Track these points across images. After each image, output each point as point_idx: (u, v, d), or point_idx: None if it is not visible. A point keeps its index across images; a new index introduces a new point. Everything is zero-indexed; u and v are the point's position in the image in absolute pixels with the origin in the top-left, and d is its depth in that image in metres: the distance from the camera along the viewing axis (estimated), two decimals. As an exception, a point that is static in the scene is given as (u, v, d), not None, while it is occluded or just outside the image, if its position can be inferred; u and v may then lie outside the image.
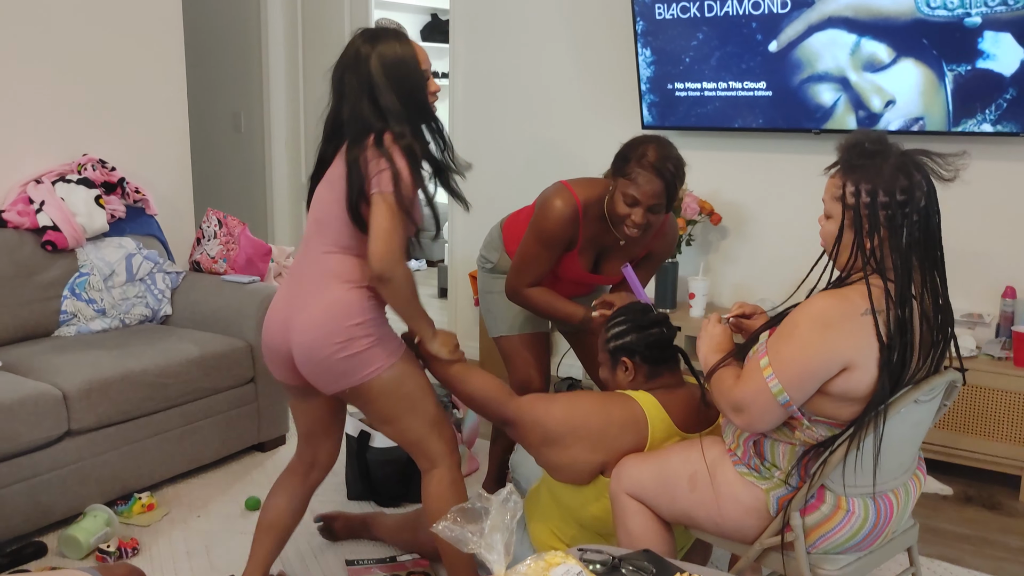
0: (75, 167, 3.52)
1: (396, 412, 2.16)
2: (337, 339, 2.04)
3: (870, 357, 1.72)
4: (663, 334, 2.24)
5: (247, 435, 3.38)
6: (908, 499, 1.93)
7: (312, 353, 2.06)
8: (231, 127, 5.53)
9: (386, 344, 2.11)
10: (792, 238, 3.86)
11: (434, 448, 2.20)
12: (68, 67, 3.57)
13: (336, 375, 2.08)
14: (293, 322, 2.10)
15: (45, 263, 3.30)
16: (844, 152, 1.82)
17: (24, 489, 2.66)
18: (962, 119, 3.30)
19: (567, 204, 2.49)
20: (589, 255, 2.62)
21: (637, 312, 2.29)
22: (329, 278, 2.10)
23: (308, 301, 2.09)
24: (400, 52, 2.11)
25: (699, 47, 3.75)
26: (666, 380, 2.24)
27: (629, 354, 2.24)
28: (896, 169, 1.74)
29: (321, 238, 2.15)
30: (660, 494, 2.00)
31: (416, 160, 2.08)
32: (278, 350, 2.17)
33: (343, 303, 2.06)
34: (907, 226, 1.74)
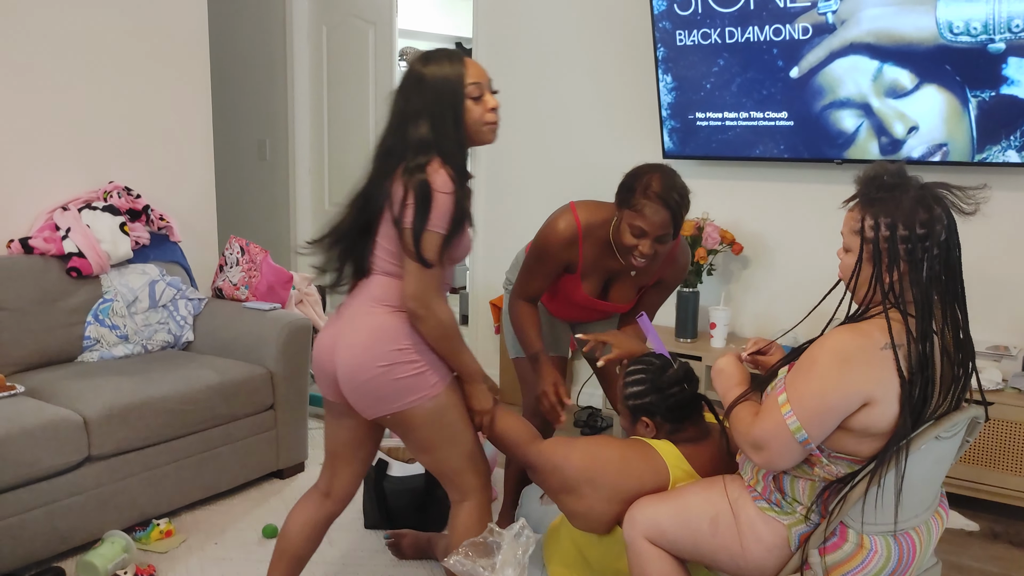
0: (101, 194, 3.57)
1: (436, 442, 2.13)
2: (380, 363, 2.02)
3: (890, 392, 1.70)
4: (684, 392, 2.17)
5: (266, 462, 3.38)
6: (931, 537, 1.90)
7: (355, 375, 2.05)
8: (256, 155, 5.59)
9: (432, 373, 2.07)
10: (814, 268, 3.83)
11: (468, 481, 2.18)
12: (95, 96, 3.63)
13: (378, 400, 2.06)
14: (339, 343, 2.09)
15: (70, 289, 3.34)
16: (863, 185, 1.80)
17: (43, 514, 2.68)
18: (986, 145, 3.27)
19: (567, 226, 2.49)
20: (594, 280, 2.60)
21: (656, 369, 2.21)
22: (373, 301, 2.08)
23: (354, 323, 2.08)
24: (445, 72, 2.02)
25: (720, 73, 3.75)
26: (690, 434, 2.18)
27: (649, 415, 2.19)
28: (916, 202, 1.72)
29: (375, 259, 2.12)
30: (681, 537, 1.95)
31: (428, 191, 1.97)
32: (325, 369, 2.15)
33: (385, 327, 2.04)
34: (927, 260, 1.71)
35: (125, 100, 3.73)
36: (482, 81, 2.05)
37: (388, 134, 2.06)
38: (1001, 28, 3.10)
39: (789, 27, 3.53)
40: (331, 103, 5.34)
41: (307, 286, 4.03)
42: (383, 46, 5.08)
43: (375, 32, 5.09)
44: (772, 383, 1.86)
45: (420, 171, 1.97)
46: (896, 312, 1.73)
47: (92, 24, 3.58)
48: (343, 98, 5.28)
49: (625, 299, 2.65)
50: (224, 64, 5.46)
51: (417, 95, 2.01)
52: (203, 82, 4.03)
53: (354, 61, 5.19)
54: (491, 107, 2.06)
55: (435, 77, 2.01)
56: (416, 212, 1.95)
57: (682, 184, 2.36)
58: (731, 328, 3.99)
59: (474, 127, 2.05)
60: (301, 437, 3.50)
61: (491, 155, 4.71)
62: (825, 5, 3.42)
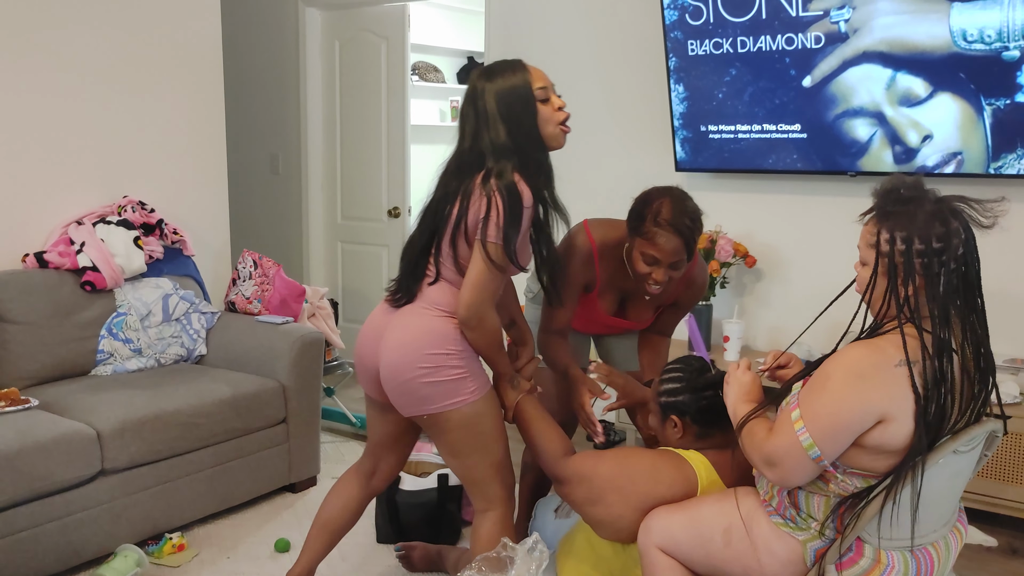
0: (115, 209, 3.59)
1: (467, 448, 2.17)
2: (424, 364, 2.07)
3: (906, 409, 1.68)
4: (717, 397, 2.14)
5: (278, 476, 3.38)
6: (949, 553, 1.87)
7: (397, 373, 2.10)
8: (269, 169, 5.62)
9: (473, 379, 2.13)
10: (828, 281, 3.80)
11: (494, 491, 2.22)
12: (110, 111, 3.65)
13: (417, 399, 2.11)
14: (385, 340, 2.14)
15: (84, 303, 3.35)
16: (879, 198, 1.79)
17: (57, 528, 2.68)
18: (1002, 154, 3.24)
19: (582, 244, 2.47)
20: (610, 298, 2.58)
21: (694, 371, 2.22)
22: (428, 304, 2.13)
23: (403, 321, 2.13)
24: (512, 81, 2.08)
25: (732, 83, 3.74)
26: (717, 440, 2.17)
27: (679, 413, 2.19)
28: (932, 216, 1.70)
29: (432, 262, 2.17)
30: (694, 548, 1.95)
31: (516, 199, 2.03)
32: (366, 364, 2.21)
33: (436, 331, 2.10)
34: (944, 274, 1.69)
35: (139, 115, 3.76)
36: (547, 84, 2.12)
37: (461, 150, 2.11)
38: (1015, 36, 3.08)
39: (801, 36, 3.52)
40: (343, 117, 5.36)
41: (319, 299, 4.03)
42: (395, 61, 5.10)
43: (387, 47, 5.11)
44: (786, 399, 1.84)
45: (502, 178, 2.02)
46: (912, 327, 1.70)
47: (107, 41, 3.61)
48: (355, 112, 5.30)
49: (643, 318, 2.64)
50: (237, 79, 5.49)
51: (488, 107, 2.06)
52: (216, 97, 4.06)
53: (366, 76, 5.21)
54: (558, 107, 2.12)
55: (503, 88, 2.06)
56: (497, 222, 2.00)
57: (694, 207, 2.33)
58: (745, 341, 3.96)
59: (546, 128, 2.10)
60: (313, 451, 3.49)
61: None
62: (838, 14, 3.41)
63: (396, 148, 5.17)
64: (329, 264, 5.56)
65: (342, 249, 5.48)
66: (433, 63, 7.47)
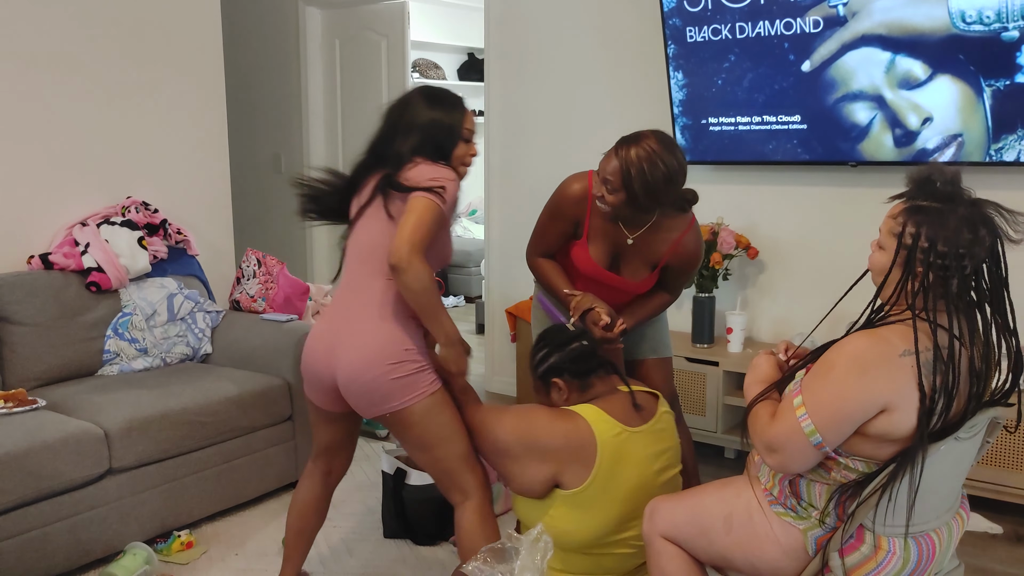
0: (119, 209, 3.61)
1: (433, 440, 2.24)
2: (389, 361, 2.15)
3: (909, 399, 1.68)
4: (583, 347, 2.34)
5: (285, 473, 3.39)
6: (951, 539, 1.88)
7: (361, 374, 2.17)
8: (271, 168, 5.63)
9: (430, 372, 2.23)
10: (831, 272, 3.82)
11: (467, 480, 2.29)
12: (112, 112, 3.67)
13: (380, 397, 2.18)
14: (340, 348, 2.21)
15: (89, 303, 3.37)
16: (914, 186, 1.76)
17: (65, 527, 2.70)
18: (1002, 135, 3.24)
19: (580, 185, 2.59)
20: (601, 248, 2.62)
21: (554, 333, 2.42)
22: (381, 305, 2.21)
23: (359, 328, 2.20)
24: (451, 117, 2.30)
25: (731, 69, 3.74)
26: (599, 389, 2.33)
27: (557, 374, 2.34)
28: (962, 221, 1.67)
29: (367, 266, 2.26)
30: (696, 536, 1.96)
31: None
32: (319, 376, 2.28)
33: (395, 331, 2.19)
34: (959, 279, 1.68)
35: (141, 116, 3.77)
36: (473, 129, 2.36)
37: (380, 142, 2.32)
38: (1014, 16, 3.08)
39: (800, 21, 3.52)
40: (344, 116, 5.37)
41: (323, 297, 4.05)
42: (395, 59, 5.11)
43: (387, 45, 5.12)
44: (789, 386, 1.85)
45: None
46: (923, 323, 1.71)
47: (108, 42, 3.62)
48: (356, 110, 5.31)
49: (638, 276, 2.65)
50: (238, 79, 5.51)
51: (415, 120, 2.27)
52: (218, 97, 4.07)
53: (367, 74, 5.23)
54: (472, 153, 2.35)
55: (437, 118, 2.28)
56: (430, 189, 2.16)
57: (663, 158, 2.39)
58: (748, 333, 3.97)
59: (456, 162, 2.31)
60: (319, 447, 3.50)
61: (505, 163, 4.72)
62: (836, -1, 3.41)
63: (398, 145, 5.18)
64: (332, 262, 5.56)
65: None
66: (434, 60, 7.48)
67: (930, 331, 1.70)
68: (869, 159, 3.53)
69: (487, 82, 4.74)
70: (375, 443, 4.03)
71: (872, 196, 3.69)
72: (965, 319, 1.72)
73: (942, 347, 1.69)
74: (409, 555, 2.97)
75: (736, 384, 3.74)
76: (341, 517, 3.24)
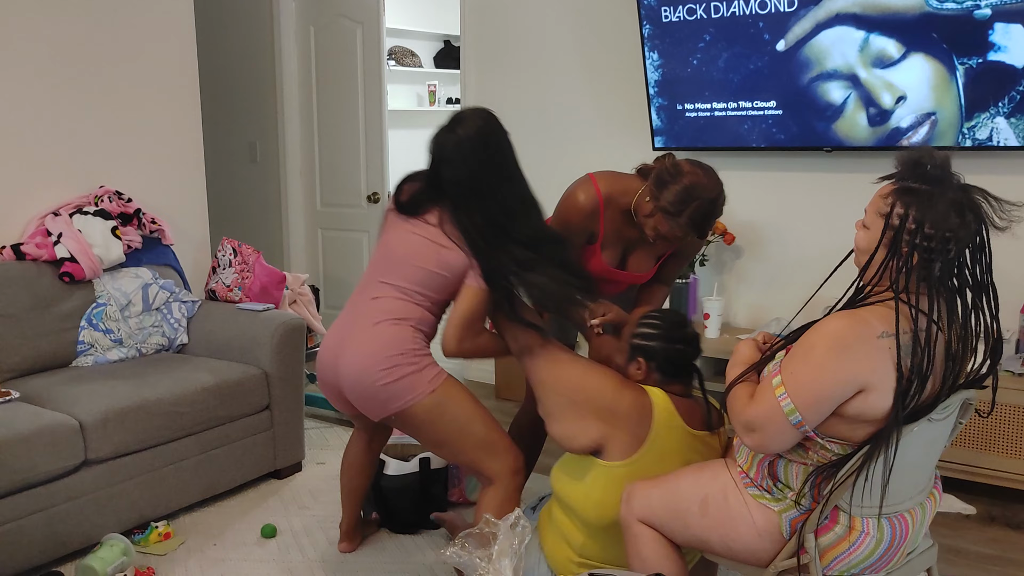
0: (92, 199, 3.57)
1: (444, 436, 2.32)
2: (382, 367, 2.23)
3: (886, 381, 1.70)
4: (686, 352, 2.27)
5: (263, 462, 3.38)
6: (924, 518, 1.91)
7: (360, 380, 2.26)
8: (247, 157, 5.59)
9: (429, 369, 2.29)
10: (806, 257, 3.84)
11: (490, 468, 2.35)
12: (84, 101, 3.63)
13: (381, 401, 2.25)
14: (342, 355, 2.30)
15: (63, 294, 3.34)
16: (904, 168, 1.77)
17: (41, 519, 2.68)
18: (975, 113, 3.26)
19: (588, 197, 2.50)
20: (614, 250, 2.59)
21: (673, 324, 2.30)
22: (383, 315, 2.29)
23: (360, 336, 2.28)
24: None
25: (707, 49, 3.75)
26: (675, 389, 2.28)
27: (647, 357, 2.28)
28: (951, 205, 1.69)
29: (389, 277, 2.33)
30: (672, 519, 1.98)
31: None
32: (329, 382, 2.39)
33: (390, 337, 2.26)
34: (943, 262, 1.70)
35: (114, 104, 3.73)
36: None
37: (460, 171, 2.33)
38: (986, -6, 3.10)
39: (774, 0, 3.53)
40: (320, 104, 5.34)
41: (300, 286, 4.03)
42: (371, 45, 5.08)
43: (363, 31, 5.08)
44: (768, 366, 1.86)
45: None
46: (903, 304, 1.72)
47: (79, 29, 3.57)
48: (332, 98, 5.28)
49: (643, 268, 2.65)
50: (213, 67, 5.45)
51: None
52: (192, 85, 4.03)
53: (342, 61, 5.19)
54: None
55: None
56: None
57: (721, 203, 2.35)
58: (725, 318, 3.99)
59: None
60: (298, 437, 3.50)
61: (482, 151, 4.71)
62: (810, -24, 3.42)
63: (374, 134, 5.15)
64: (309, 251, 5.55)
65: (322, 236, 5.47)
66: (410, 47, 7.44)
67: (910, 313, 1.71)
68: (844, 138, 3.55)
69: (463, 69, 4.72)
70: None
71: (847, 182, 3.72)
72: (945, 303, 1.74)
73: (920, 330, 1.70)
74: (388, 543, 2.97)
75: (714, 369, 3.76)
76: (320, 506, 3.23)
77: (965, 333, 1.78)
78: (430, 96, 7.24)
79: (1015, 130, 3.21)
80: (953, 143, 3.32)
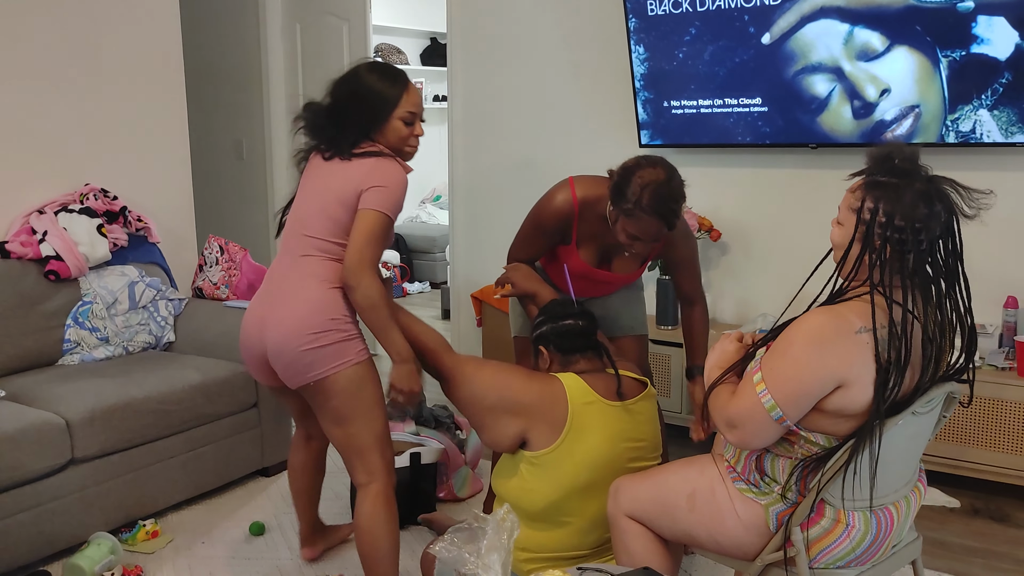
0: (77, 197, 3.55)
1: (351, 413, 2.25)
2: (311, 331, 2.18)
3: (865, 375, 1.72)
4: (576, 326, 2.39)
5: (251, 460, 3.38)
6: (909, 511, 1.92)
7: (286, 343, 2.20)
8: (233, 155, 5.57)
9: (358, 341, 2.26)
10: (792, 253, 3.87)
11: (375, 462, 2.30)
12: (69, 99, 3.61)
13: (303, 367, 2.21)
14: (269, 318, 2.25)
15: (48, 293, 3.32)
16: (872, 163, 1.80)
17: (28, 518, 2.67)
18: (958, 106, 3.28)
19: (564, 200, 2.54)
20: (591, 250, 2.61)
21: (558, 306, 2.46)
22: (308, 277, 2.25)
23: (287, 299, 2.24)
24: (386, 90, 2.29)
25: (692, 42, 3.76)
26: (582, 367, 2.37)
27: (544, 343, 2.42)
28: (919, 196, 1.71)
29: (300, 241, 2.29)
30: (660, 514, 1.99)
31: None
32: (253, 349, 2.34)
33: (321, 300, 2.21)
34: (915, 253, 1.72)
35: (99, 102, 3.71)
36: (417, 111, 2.33)
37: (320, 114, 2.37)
38: (970, -14, 3.12)
39: (759, -8, 3.54)
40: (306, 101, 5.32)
41: (288, 284, 4.02)
42: (357, 43, 5.07)
43: (349, 29, 5.07)
44: (750, 364, 1.87)
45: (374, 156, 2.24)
46: (880, 297, 1.74)
47: (63, 26, 3.55)
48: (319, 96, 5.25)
49: (627, 270, 2.67)
50: (199, 65, 5.43)
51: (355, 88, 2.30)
52: (178, 82, 4.01)
53: (329, 59, 5.18)
54: (416, 134, 2.34)
55: (374, 87, 2.28)
56: (378, 196, 2.19)
57: (678, 187, 2.32)
58: (712, 314, 4.01)
59: (392, 138, 2.30)
60: (285, 434, 3.49)
61: (468, 148, 4.72)
62: (795, -30, 3.43)
63: (361, 131, 5.14)
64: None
65: (309, 233, 5.46)
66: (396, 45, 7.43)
67: (886, 307, 1.73)
68: (829, 132, 3.57)
69: (450, 66, 4.72)
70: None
71: (832, 178, 3.74)
72: (920, 293, 1.76)
73: (896, 323, 1.72)
74: (377, 540, 2.97)
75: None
76: (308, 503, 3.24)
77: (941, 320, 1.80)
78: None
79: (998, 122, 3.23)
80: (937, 136, 3.35)
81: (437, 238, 7.28)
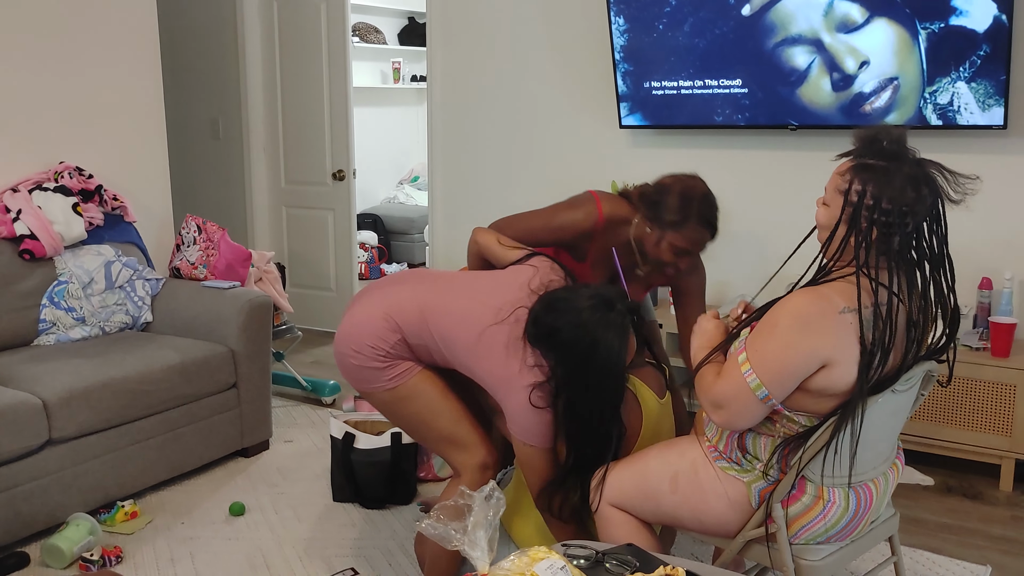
0: (52, 175, 3.50)
1: (405, 427, 2.39)
2: (352, 346, 2.27)
3: (849, 355, 1.73)
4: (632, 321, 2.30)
5: (230, 441, 3.36)
6: (887, 487, 1.95)
7: (337, 346, 2.32)
8: (209, 134, 5.51)
9: (387, 372, 2.28)
10: (770, 235, 3.89)
11: (454, 459, 2.35)
12: (43, 75, 3.55)
13: (350, 373, 2.33)
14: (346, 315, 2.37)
15: (23, 272, 3.28)
16: (860, 144, 1.80)
17: (5, 499, 2.64)
18: (936, 78, 3.30)
19: (590, 214, 2.49)
20: (602, 272, 2.59)
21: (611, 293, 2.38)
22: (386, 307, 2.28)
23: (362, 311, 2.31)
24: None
25: (672, 13, 3.75)
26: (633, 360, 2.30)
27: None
28: (907, 180, 1.72)
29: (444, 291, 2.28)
30: (643, 500, 2.00)
31: None
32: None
33: (376, 325, 2.26)
34: (901, 236, 1.74)
35: (73, 79, 3.65)
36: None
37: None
38: (950, -43, 3.13)
39: (740, -38, 3.54)
40: (284, 80, 5.27)
41: (266, 263, 3.99)
42: (335, 21, 5.02)
43: (326, 7, 5.02)
44: (734, 344, 1.89)
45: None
46: (864, 278, 1.75)
47: (38, 2, 3.49)
48: (296, 75, 5.21)
49: (633, 295, 2.61)
50: (174, 42, 5.36)
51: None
52: (153, 60, 3.96)
53: (306, 37, 5.13)
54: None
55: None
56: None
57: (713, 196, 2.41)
58: (690, 295, 4.03)
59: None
60: (265, 415, 3.48)
61: (448, 128, 4.69)
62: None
63: (339, 111, 5.10)
64: (274, 229, 5.49)
65: (287, 214, 5.42)
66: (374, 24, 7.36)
67: (871, 288, 1.75)
68: (808, 104, 3.57)
69: (429, 46, 4.69)
70: (321, 410, 4.02)
71: (811, 160, 3.76)
72: (905, 276, 1.78)
73: (881, 304, 1.74)
74: (358, 518, 2.97)
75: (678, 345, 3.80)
76: (289, 483, 3.23)
77: (925, 304, 1.82)
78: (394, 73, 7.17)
79: (975, 95, 3.25)
80: (915, 108, 3.37)
81: (415, 219, 7.25)
